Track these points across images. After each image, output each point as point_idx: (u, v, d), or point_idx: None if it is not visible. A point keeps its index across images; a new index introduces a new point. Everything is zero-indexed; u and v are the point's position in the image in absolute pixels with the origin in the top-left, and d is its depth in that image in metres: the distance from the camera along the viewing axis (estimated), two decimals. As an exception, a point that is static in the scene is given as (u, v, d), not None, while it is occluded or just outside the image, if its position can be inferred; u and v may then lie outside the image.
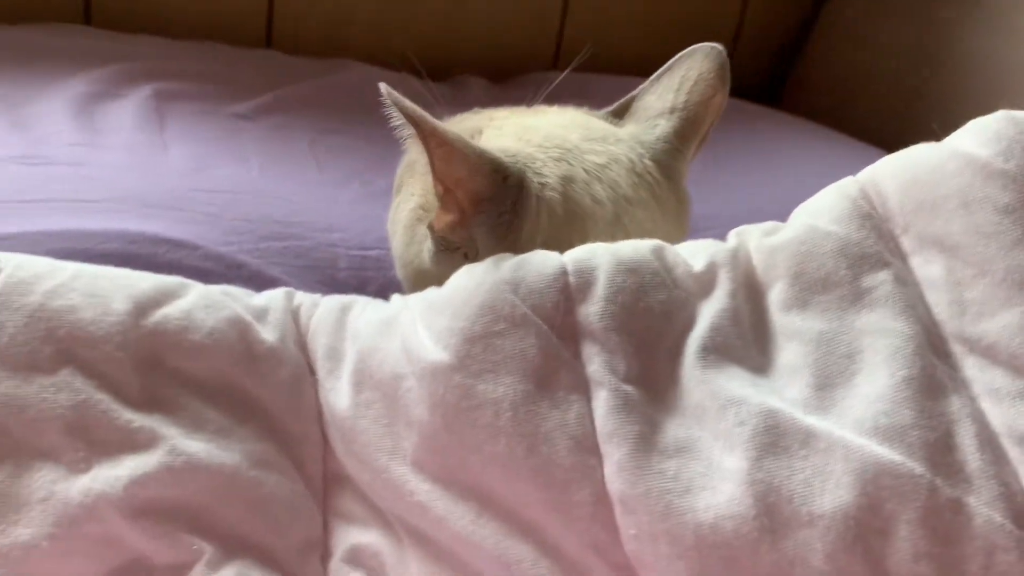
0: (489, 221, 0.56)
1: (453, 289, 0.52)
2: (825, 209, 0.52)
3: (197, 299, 0.54)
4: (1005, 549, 0.42)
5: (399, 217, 0.63)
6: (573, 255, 0.51)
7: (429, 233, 0.59)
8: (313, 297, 0.58)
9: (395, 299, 0.56)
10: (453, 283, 0.52)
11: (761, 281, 0.52)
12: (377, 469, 0.51)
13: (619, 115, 0.66)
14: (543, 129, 0.60)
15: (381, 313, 0.55)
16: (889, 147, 0.58)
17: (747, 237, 0.54)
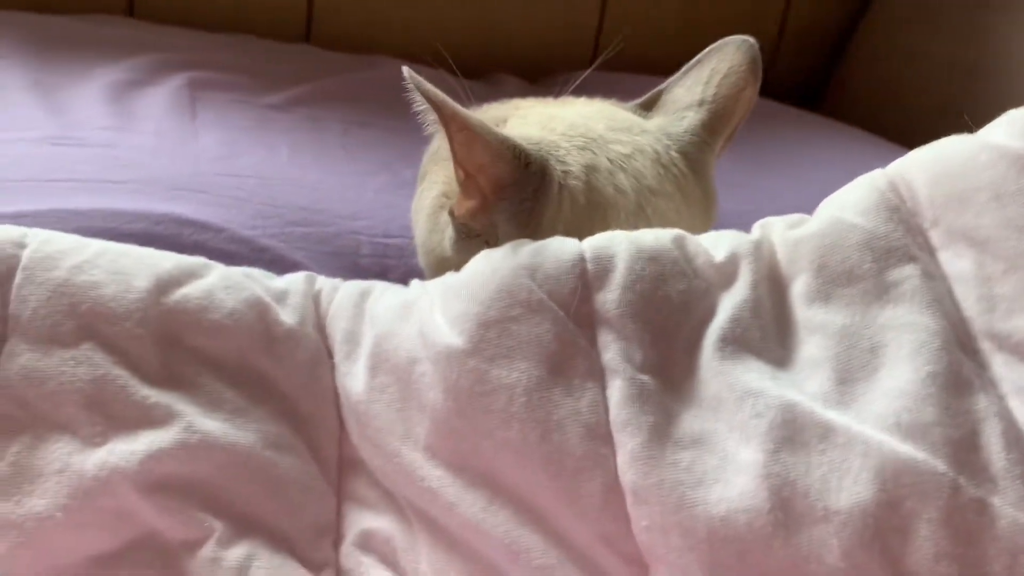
0: (510, 208, 0.55)
1: (470, 274, 0.52)
2: (852, 201, 0.51)
3: (218, 280, 0.54)
4: None
5: (422, 204, 0.63)
6: (592, 242, 0.51)
7: (450, 220, 0.59)
8: (334, 282, 0.58)
9: (414, 284, 0.56)
10: (470, 268, 0.52)
11: (784, 273, 0.51)
12: (389, 454, 0.51)
13: (647, 107, 0.65)
14: (568, 118, 0.60)
15: (400, 297, 0.55)
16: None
17: (771, 229, 0.53)
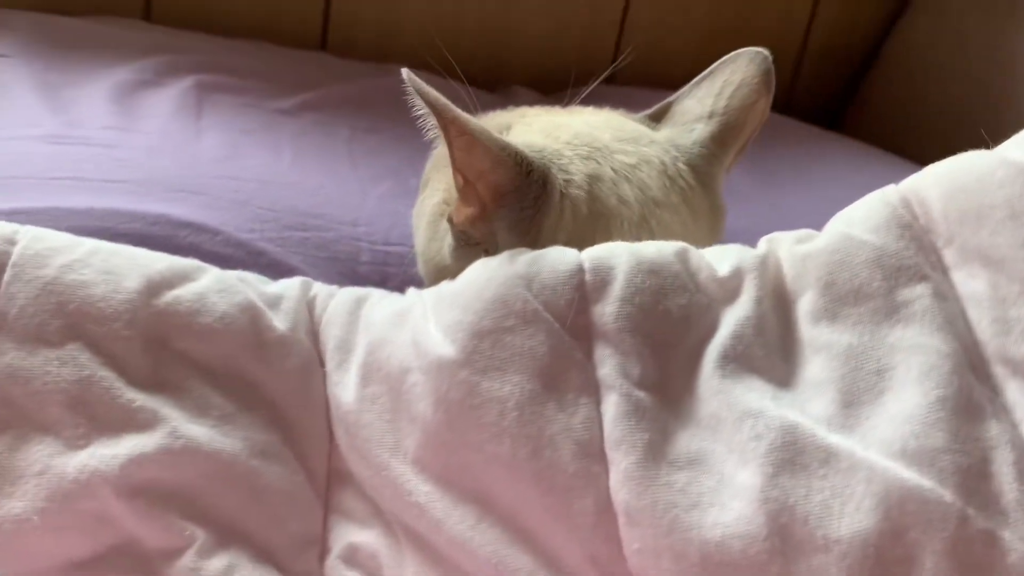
0: (510, 216, 0.54)
1: (465, 282, 0.50)
2: (862, 217, 0.49)
3: (211, 283, 0.53)
4: None
5: (423, 211, 0.62)
6: (591, 253, 0.49)
7: (450, 228, 0.57)
8: (330, 288, 0.57)
9: (411, 292, 0.55)
10: (466, 276, 0.51)
11: (790, 290, 0.49)
12: (378, 466, 0.50)
13: (657, 118, 0.64)
14: (574, 127, 0.58)
15: (395, 305, 0.53)
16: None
17: (778, 244, 0.51)
